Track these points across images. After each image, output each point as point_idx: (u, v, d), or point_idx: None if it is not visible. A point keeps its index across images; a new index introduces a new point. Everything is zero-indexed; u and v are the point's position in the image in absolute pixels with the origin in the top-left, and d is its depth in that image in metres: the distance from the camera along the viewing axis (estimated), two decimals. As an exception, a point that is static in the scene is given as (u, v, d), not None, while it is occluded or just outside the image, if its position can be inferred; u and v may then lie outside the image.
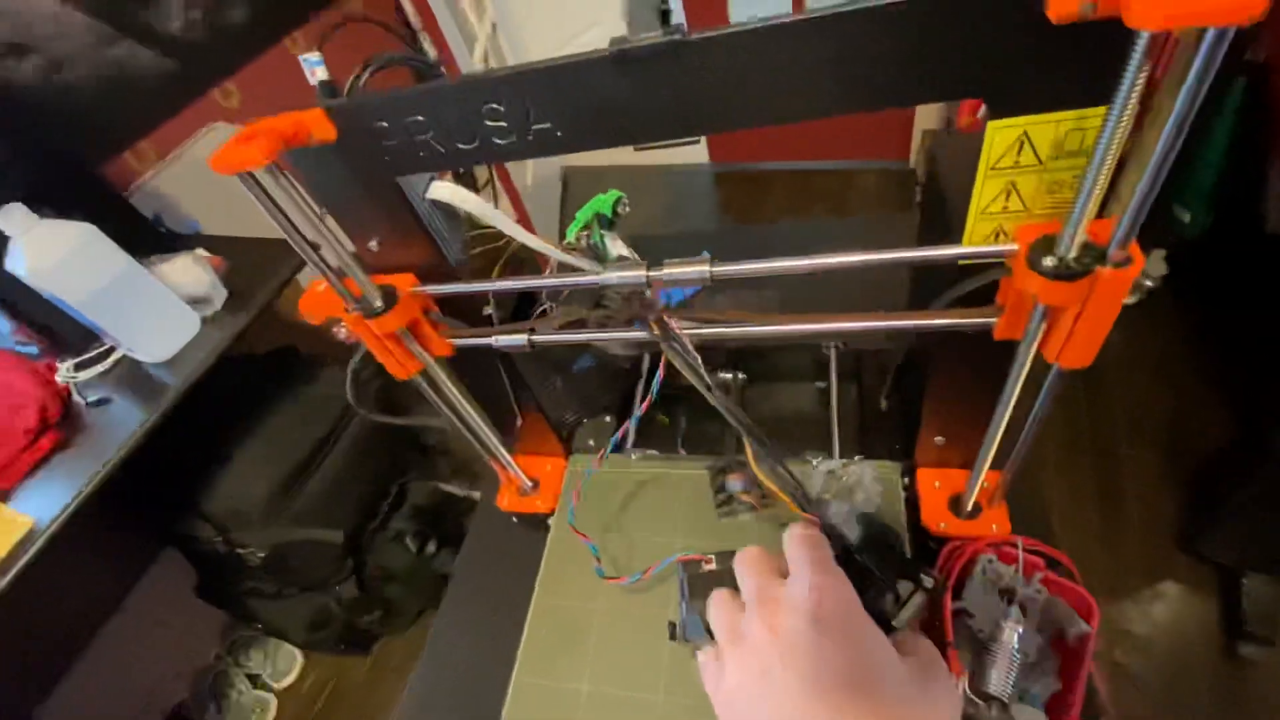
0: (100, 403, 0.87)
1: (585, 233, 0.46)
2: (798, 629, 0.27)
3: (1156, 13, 0.19)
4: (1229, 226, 1.36)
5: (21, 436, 0.82)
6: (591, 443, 0.62)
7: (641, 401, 0.52)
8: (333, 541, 1.07)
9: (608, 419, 0.65)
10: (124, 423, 0.85)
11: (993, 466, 0.47)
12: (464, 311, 0.47)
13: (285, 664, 1.45)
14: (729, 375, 0.66)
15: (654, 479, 0.57)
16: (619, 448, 0.61)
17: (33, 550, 0.77)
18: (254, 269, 0.97)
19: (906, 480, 0.52)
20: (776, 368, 0.68)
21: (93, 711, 1.33)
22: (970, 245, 0.32)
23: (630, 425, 0.55)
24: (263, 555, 1.01)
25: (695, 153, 2.39)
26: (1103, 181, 0.26)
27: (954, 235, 0.34)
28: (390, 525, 1.28)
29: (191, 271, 0.87)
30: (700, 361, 0.38)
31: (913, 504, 0.51)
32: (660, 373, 0.44)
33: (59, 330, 0.90)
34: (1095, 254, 0.28)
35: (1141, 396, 1.36)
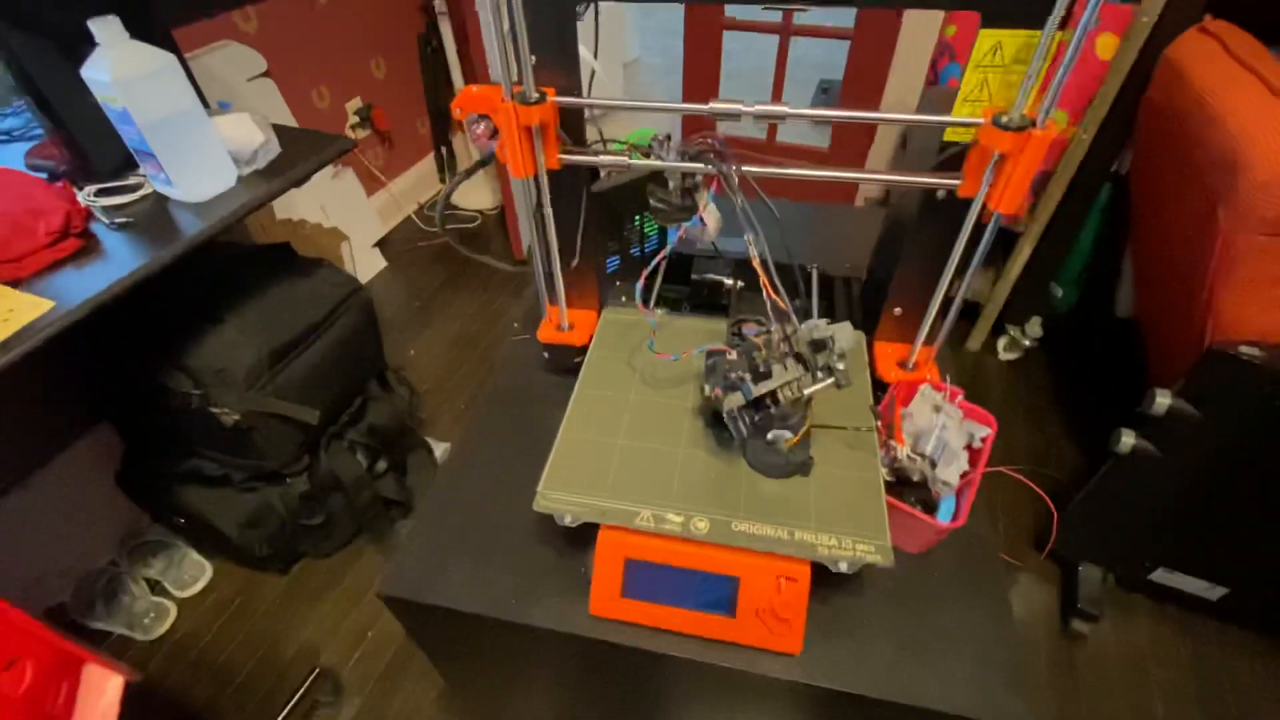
0: (123, 226, 0.90)
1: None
2: None
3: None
4: (1091, 305, 1.70)
5: (43, 235, 0.84)
6: (624, 299, 0.75)
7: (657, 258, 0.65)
8: (307, 420, 1.10)
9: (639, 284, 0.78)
10: (143, 250, 0.88)
11: (927, 342, 0.64)
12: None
13: (192, 573, 1.39)
14: (730, 281, 0.81)
15: (673, 327, 0.70)
16: (646, 301, 0.74)
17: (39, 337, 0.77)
18: (285, 149, 1.04)
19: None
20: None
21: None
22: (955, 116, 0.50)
23: (666, 252, 0.65)
24: (236, 418, 1.03)
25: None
26: (1038, 78, 0.45)
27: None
28: (346, 435, 1.31)
29: (247, 127, 0.93)
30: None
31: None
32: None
33: (92, 152, 0.93)
34: (1030, 122, 0.46)
35: (1016, 432, 1.64)
